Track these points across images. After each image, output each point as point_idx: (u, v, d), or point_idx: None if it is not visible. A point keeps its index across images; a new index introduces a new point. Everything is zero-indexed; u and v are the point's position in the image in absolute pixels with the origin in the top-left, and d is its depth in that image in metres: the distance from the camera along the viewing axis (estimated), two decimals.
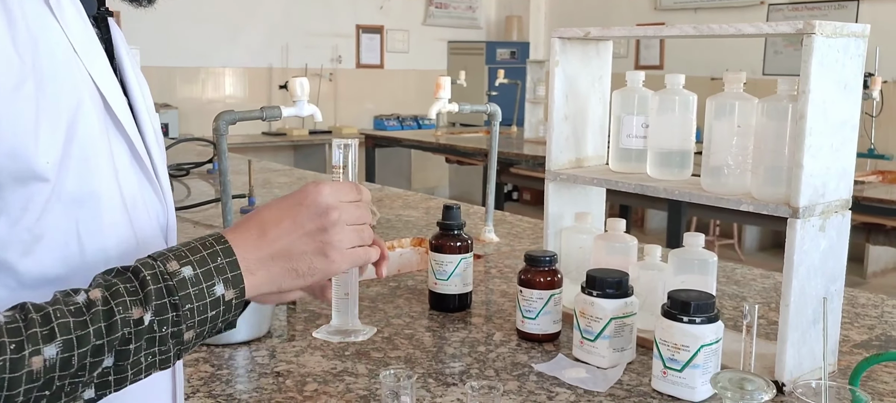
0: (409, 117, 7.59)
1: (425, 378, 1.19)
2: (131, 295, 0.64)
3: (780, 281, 1.16)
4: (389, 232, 2.18)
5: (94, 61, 0.71)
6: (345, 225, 0.73)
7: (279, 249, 0.71)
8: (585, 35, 1.40)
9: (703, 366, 1.10)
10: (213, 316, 0.68)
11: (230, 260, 0.69)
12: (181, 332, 0.66)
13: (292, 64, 7.11)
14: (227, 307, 0.69)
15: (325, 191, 0.73)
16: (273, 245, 0.71)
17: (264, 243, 0.71)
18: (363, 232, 0.75)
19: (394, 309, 1.52)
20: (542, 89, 5.22)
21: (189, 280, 0.67)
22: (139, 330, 0.63)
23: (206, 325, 0.68)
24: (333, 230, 0.72)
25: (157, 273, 0.65)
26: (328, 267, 0.73)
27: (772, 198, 1.16)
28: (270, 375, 1.20)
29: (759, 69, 6.31)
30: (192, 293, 0.66)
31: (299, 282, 0.72)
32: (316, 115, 1.68)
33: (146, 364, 0.65)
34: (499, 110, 2.08)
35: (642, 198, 4.71)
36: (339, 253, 0.73)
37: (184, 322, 0.66)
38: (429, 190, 7.32)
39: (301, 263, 0.72)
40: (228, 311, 0.69)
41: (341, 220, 0.73)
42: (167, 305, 0.65)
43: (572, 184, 1.47)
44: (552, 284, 1.34)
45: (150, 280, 0.65)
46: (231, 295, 0.69)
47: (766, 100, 1.18)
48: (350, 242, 0.74)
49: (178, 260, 0.67)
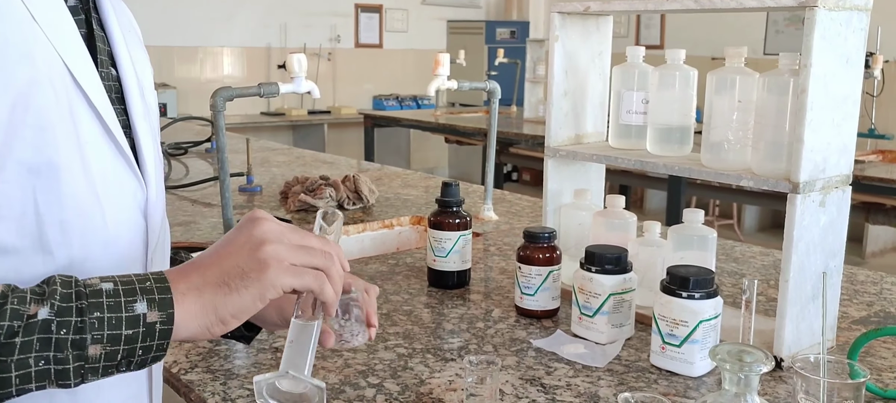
0: (408, 97, 7.57)
1: (424, 354, 1.19)
2: (34, 294, 0.61)
3: (780, 259, 1.16)
4: (388, 210, 2.18)
5: (61, 35, 0.70)
6: (285, 242, 0.69)
7: (213, 273, 0.67)
8: (585, 9, 1.39)
9: (702, 342, 1.10)
10: (130, 337, 0.62)
11: (161, 284, 0.65)
12: (84, 342, 0.61)
13: (291, 43, 7.07)
14: (148, 329, 0.63)
15: (266, 218, 0.70)
16: (207, 271, 0.67)
17: (197, 270, 0.67)
18: (309, 256, 0.69)
19: (393, 286, 1.52)
20: (541, 68, 5.20)
21: (105, 291, 0.63)
22: (30, 325, 0.59)
23: (121, 345, 0.62)
24: (271, 246, 0.67)
25: (71, 281, 0.63)
26: (262, 275, 0.66)
27: (772, 173, 1.15)
28: (268, 350, 1.20)
29: (760, 48, 6.29)
30: (105, 303, 0.62)
31: (235, 300, 0.66)
32: (314, 92, 1.67)
33: (36, 371, 0.60)
34: (498, 88, 2.07)
35: (642, 177, 4.71)
36: (275, 261, 0.67)
37: (88, 331, 0.61)
38: (428, 170, 7.32)
39: (233, 276, 0.66)
40: (151, 335, 0.63)
41: (281, 239, 0.69)
42: (72, 309, 0.61)
43: (572, 161, 1.46)
44: (551, 260, 1.33)
45: (59, 284, 0.62)
46: (155, 317, 0.63)
47: (767, 74, 1.17)
48: (290, 258, 0.68)
49: (102, 279, 0.64)
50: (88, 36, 0.76)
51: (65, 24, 0.71)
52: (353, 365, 1.14)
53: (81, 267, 0.71)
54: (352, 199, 2.17)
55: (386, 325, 1.31)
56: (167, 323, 0.64)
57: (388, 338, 1.25)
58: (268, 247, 0.67)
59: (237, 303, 0.67)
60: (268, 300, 0.67)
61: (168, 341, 0.65)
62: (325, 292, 0.70)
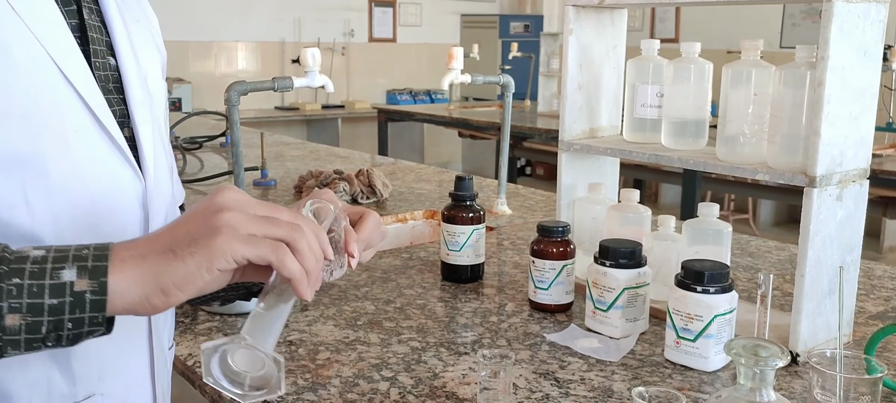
0: (421, 91, 7.56)
1: (437, 348, 1.19)
2: None
3: (796, 254, 1.15)
4: (402, 204, 2.18)
5: (44, 24, 0.70)
6: (247, 211, 0.63)
7: (162, 240, 0.62)
8: (600, 3, 1.38)
9: (717, 336, 1.10)
10: (55, 307, 0.58)
11: (100, 252, 0.60)
12: (0, 311, 0.57)
13: (304, 38, 7.08)
14: (76, 299, 0.59)
15: (233, 189, 0.65)
16: (157, 239, 0.62)
17: (148, 239, 0.63)
18: (270, 226, 0.63)
19: (406, 279, 1.52)
20: (555, 62, 5.18)
21: (32, 259, 0.59)
22: None
23: (44, 317, 0.58)
24: (229, 213, 0.62)
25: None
26: (210, 242, 0.60)
27: (788, 167, 1.15)
28: (283, 344, 1.20)
29: (776, 42, 6.23)
30: (28, 269, 0.58)
31: (179, 268, 0.60)
32: (327, 86, 1.68)
33: None
34: (512, 81, 2.06)
35: (656, 171, 4.69)
36: (229, 228, 0.61)
37: (4, 299, 0.57)
38: (441, 164, 7.31)
39: (181, 243, 0.61)
40: (81, 306, 0.59)
41: (244, 208, 0.63)
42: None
43: (586, 155, 1.46)
44: (565, 255, 1.33)
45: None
46: (85, 286, 0.59)
47: (783, 67, 1.16)
48: (247, 227, 0.62)
49: (38, 247, 0.61)
50: (81, 26, 0.76)
51: (48, 14, 0.71)
52: (366, 359, 1.15)
53: None
54: (365, 193, 2.18)
55: (400, 319, 1.31)
56: (99, 293, 0.59)
57: (401, 332, 1.25)
58: (225, 214, 0.62)
59: (180, 271, 0.60)
60: (217, 271, 0.61)
61: (102, 313, 0.60)
62: (285, 265, 0.62)
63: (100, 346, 0.75)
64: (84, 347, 0.73)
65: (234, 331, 1.24)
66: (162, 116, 0.87)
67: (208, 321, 1.28)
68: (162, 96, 0.87)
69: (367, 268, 1.57)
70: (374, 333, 1.24)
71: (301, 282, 0.64)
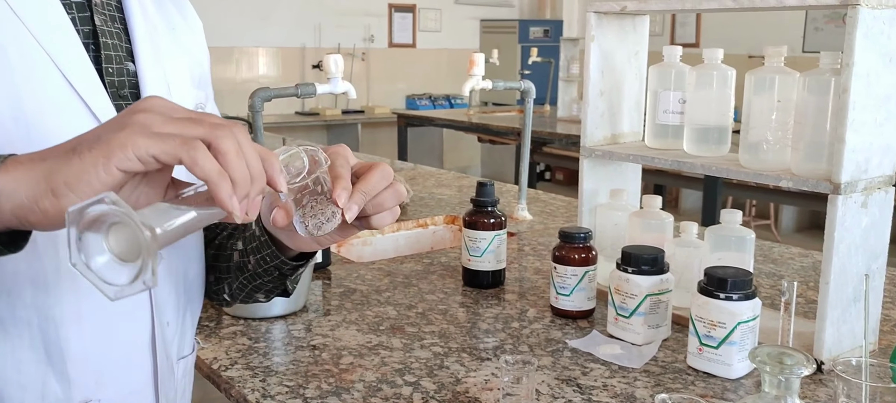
0: (441, 96, 7.58)
1: (459, 353, 1.20)
2: None
3: (819, 261, 1.15)
4: (423, 209, 2.19)
5: (47, 27, 0.70)
6: (166, 113, 0.55)
7: (70, 143, 0.55)
8: (622, 9, 1.38)
9: (740, 343, 1.09)
10: None
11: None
12: None
13: (325, 43, 7.12)
14: None
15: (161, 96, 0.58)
16: (65, 145, 0.55)
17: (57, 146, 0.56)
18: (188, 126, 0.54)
19: (428, 285, 1.53)
20: (575, 67, 5.17)
21: None
22: None
23: None
24: (144, 113, 0.55)
25: None
26: (114, 136, 0.53)
27: (812, 173, 1.14)
28: (307, 348, 1.21)
29: (798, 46, 6.18)
30: None
31: (75, 165, 0.53)
32: (350, 92, 1.69)
33: None
34: (533, 87, 2.06)
35: (677, 177, 4.66)
36: (138, 126, 0.53)
37: None
38: (461, 169, 7.32)
39: (85, 142, 0.54)
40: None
41: (164, 111, 0.55)
42: None
43: (607, 161, 1.46)
44: (586, 261, 1.33)
45: None
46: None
47: (807, 73, 1.15)
48: (160, 126, 0.54)
49: None
50: (93, 32, 0.75)
51: (52, 17, 0.71)
52: (389, 364, 1.16)
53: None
54: None
55: (422, 324, 1.32)
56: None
57: (424, 337, 1.26)
58: (139, 115, 0.55)
59: (76, 168, 0.53)
60: (115, 169, 0.52)
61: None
62: (197, 162, 0.53)
63: (98, 352, 0.75)
64: (82, 351, 0.73)
65: (258, 336, 1.26)
66: None
67: (232, 324, 1.30)
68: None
69: (388, 273, 1.58)
70: (397, 338, 1.25)
71: (220, 186, 0.53)
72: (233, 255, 0.87)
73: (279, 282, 0.85)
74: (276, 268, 0.82)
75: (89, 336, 0.74)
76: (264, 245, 0.80)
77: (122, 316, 0.77)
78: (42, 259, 0.70)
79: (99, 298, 0.71)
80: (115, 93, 0.76)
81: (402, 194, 0.70)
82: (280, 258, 0.80)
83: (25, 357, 0.72)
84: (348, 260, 1.72)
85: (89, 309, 0.74)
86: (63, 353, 0.72)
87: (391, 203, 0.69)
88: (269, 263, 0.81)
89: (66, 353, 0.73)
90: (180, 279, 0.85)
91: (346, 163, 0.67)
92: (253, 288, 0.87)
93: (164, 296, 0.82)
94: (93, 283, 0.52)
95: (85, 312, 0.73)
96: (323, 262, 1.60)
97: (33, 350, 0.72)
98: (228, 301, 0.92)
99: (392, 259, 1.73)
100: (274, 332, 1.28)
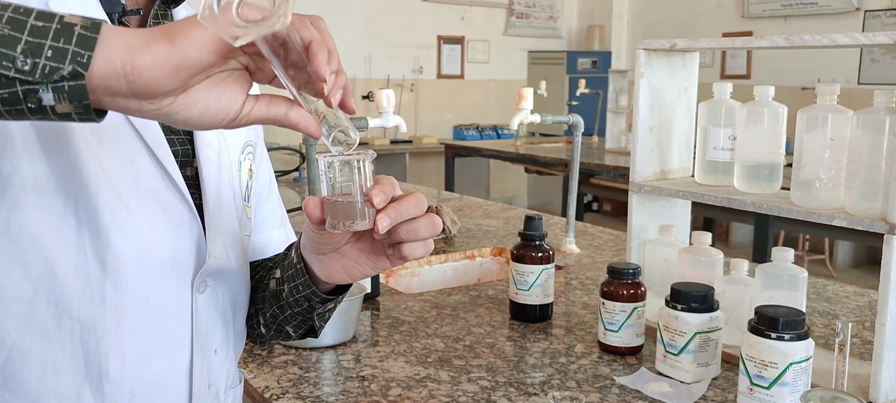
0: (488, 127, 7.61)
1: (506, 387, 1.20)
2: None
3: (876, 299, 1.12)
4: (469, 241, 2.20)
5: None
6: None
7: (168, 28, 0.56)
8: (672, 46, 1.39)
9: (792, 384, 1.08)
10: (38, 29, 0.52)
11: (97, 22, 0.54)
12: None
13: (375, 74, 7.23)
14: (64, 27, 0.53)
15: None
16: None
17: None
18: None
19: (475, 317, 1.54)
20: (624, 99, 5.16)
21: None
22: None
23: (24, 34, 0.52)
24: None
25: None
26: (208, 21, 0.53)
27: (867, 213, 1.13)
28: (356, 379, 1.23)
29: (854, 78, 6.06)
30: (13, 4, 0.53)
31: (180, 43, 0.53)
32: (401, 126, 1.72)
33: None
34: (581, 121, 2.07)
35: (727, 210, 4.59)
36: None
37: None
38: (507, 199, 7.32)
39: (183, 26, 0.54)
40: (67, 35, 0.52)
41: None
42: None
43: (657, 197, 1.46)
44: (635, 297, 1.33)
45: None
46: (76, 20, 0.53)
47: (861, 112, 1.14)
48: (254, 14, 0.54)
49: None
50: None
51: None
52: (437, 396, 1.17)
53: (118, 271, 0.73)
54: None
55: (469, 358, 1.33)
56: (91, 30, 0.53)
57: (471, 370, 1.27)
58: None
59: (181, 46, 0.53)
60: (217, 52, 0.55)
61: (89, 53, 0.52)
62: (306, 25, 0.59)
63: (135, 371, 0.76)
64: (118, 368, 0.74)
65: (309, 365, 1.28)
66: (232, 153, 0.86)
67: (284, 353, 1.33)
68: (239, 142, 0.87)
69: (436, 305, 1.60)
70: (444, 371, 1.26)
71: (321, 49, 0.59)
72: (270, 283, 0.89)
73: (307, 316, 0.86)
74: (306, 299, 0.83)
75: (128, 355, 0.76)
76: (299, 273, 0.81)
77: (163, 339, 0.78)
78: (90, 272, 0.72)
79: (142, 318, 0.75)
80: (166, 127, 0.78)
81: (438, 226, 0.70)
82: (312, 287, 0.81)
83: (65, 367, 0.73)
84: (397, 290, 1.74)
85: (131, 328, 0.75)
86: (101, 368, 0.74)
87: (426, 232, 0.69)
88: (301, 292, 0.83)
89: (104, 369, 0.74)
90: (228, 308, 0.87)
91: (390, 182, 0.69)
92: (283, 319, 0.88)
93: (209, 325, 0.83)
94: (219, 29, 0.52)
95: (126, 331, 0.75)
96: (372, 293, 1.62)
97: (73, 360, 0.73)
98: (263, 333, 0.93)
99: (439, 290, 1.74)
100: (324, 362, 1.30)
